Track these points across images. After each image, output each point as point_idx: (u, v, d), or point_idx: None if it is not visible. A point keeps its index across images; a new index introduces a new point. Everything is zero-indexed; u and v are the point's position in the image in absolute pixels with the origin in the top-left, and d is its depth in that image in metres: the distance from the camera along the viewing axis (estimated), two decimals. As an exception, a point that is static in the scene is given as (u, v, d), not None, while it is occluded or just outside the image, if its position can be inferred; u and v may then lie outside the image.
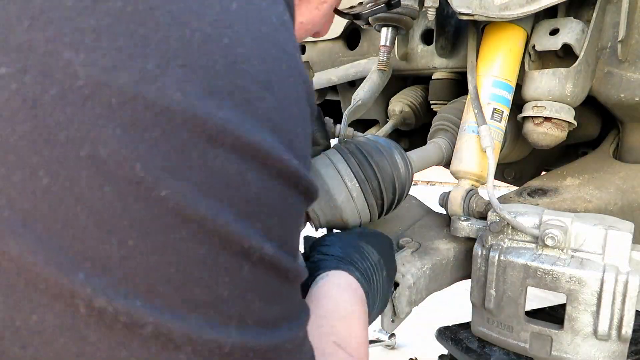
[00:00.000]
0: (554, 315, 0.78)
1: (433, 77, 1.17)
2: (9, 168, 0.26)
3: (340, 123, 0.96)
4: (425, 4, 0.88)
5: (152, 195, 0.28)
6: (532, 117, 0.91)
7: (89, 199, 0.27)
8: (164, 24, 0.29)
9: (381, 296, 0.71)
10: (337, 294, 0.61)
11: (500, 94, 0.91)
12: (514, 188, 1.15)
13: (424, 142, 1.05)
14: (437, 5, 0.87)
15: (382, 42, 0.96)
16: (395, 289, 0.79)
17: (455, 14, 0.84)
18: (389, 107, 1.28)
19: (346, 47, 1.28)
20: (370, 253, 0.70)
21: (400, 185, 0.80)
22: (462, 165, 0.92)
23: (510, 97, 0.93)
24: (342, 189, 0.76)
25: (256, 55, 0.33)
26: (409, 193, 0.90)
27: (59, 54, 0.27)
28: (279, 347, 0.35)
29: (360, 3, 0.95)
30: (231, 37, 0.32)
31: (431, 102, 1.21)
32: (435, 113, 1.12)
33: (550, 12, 0.92)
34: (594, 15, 0.87)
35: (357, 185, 0.76)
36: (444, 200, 0.93)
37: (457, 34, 1.07)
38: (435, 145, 1.00)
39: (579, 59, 0.87)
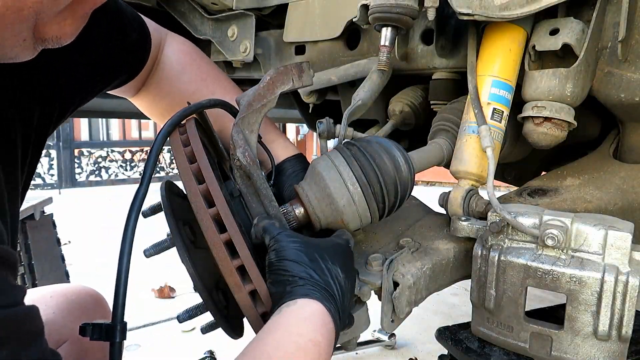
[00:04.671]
0: (554, 315, 0.78)
1: (433, 77, 1.17)
2: None
3: (340, 123, 0.96)
4: (425, 4, 0.88)
5: None
6: (532, 117, 0.91)
7: None
8: None
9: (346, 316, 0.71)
10: (296, 327, 0.61)
11: (500, 94, 0.91)
12: (514, 188, 1.15)
13: (424, 142, 1.05)
14: (437, 5, 0.87)
15: (382, 42, 0.96)
16: (395, 288, 0.79)
17: (455, 14, 0.84)
18: (389, 107, 1.28)
19: (346, 47, 1.28)
20: (338, 274, 0.68)
21: (402, 187, 0.80)
22: (462, 166, 0.92)
23: (510, 97, 0.93)
24: (343, 193, 0.76)
25: None
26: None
27: None
28: None
29: (365, 6, 0.95)
30: None
31: (431, 102, 1.21)
32: (435, 113, 1.12)
33: (550, 12, 0.92)
34: (594, 15, 0.87)
35: (359, 189, 0.76)
36: (444, 200, 0.93)
37: (457, 34, 1.07)
38: (435, 145, 1.00)
39: (579, 59, 0.87)
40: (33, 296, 0.97)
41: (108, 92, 0.98)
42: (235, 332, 0.74)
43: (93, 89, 0.86)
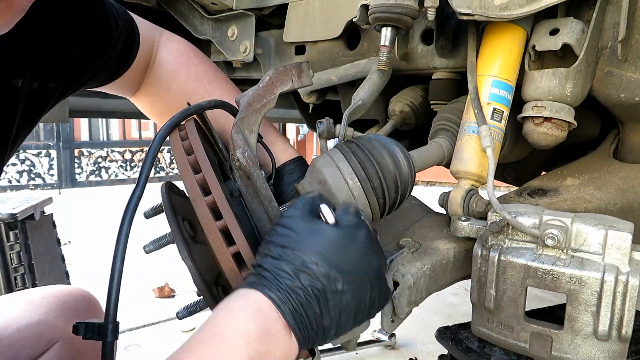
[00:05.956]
0: (554, 315, 0.78)
1: (433, 77, 1.17)
2: None
3: (340, 123, 0.96)
4: (425, 4, 0.88)
5: None
6: (532, 117, 0.91)
7: None
8: None
9: (344, 318, 0.58)
10: (223, 319, 0.53)
11: (500, 94, 0.91)
12: (514, 188, 1.15)
13: (424, 142, 1.05)
14: (437, 5, 0.87)
15: (382, 42, 0.96)
16: (395, 289, 0.79)
17: (455, 14, 0.84)
18: (389, 107, 1.28)
19: (346, 47, 1.28)
20: (308, 262, 0.57)
21: (402, 184, 0.80)
22: (462, 166, 0.92)
23: (510, 97, 0.93)
24: (343, 188, 0.76)
25: None
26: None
27: None
28: None
29: (365, 5, 0.95)
30: None
31: (431, 102, 1.21)
32: (435, 113, 1.12)
33: (550, 12, 0.92)
34: (594, 15, 0.87)
35: (358, 183, 0.76)
36: (444, 200, 0.93)
37: (457, 34, 1.07)
38: (436, 144, 1.00)
39: (579, 59, 0.87)
40: (25, 297, 0.97)
41: (108, 92, 0.97)
42: None
43: (77, 81, 0.85)
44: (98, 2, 0.83)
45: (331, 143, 0.94)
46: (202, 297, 0.71)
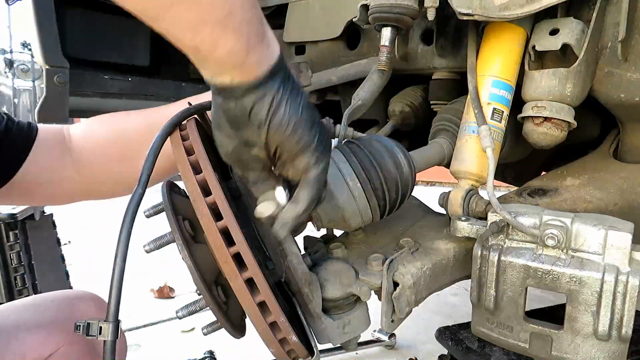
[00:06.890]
0: (554, 315, 0.78)
1: (433, 77, 1.17)
2: None
3: (340, 123, 0.96)
4: (425, 4, 0.88)
5: None
6: (532, 117, 0.91)
7: None
8: None
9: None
10: None
11: (500, 94, 0.91)
12: (514, 188, 1.15)
13: (424, 143, 1.05)
14: (437, 5, 0.87)
15: (382, 42, 0.96)
16: (395, 289, 0.79)
17: (455, 14, 0.84)
18: (389, 107, 1.28)
19: (346, 47, 1.28)
20: None
21: (403, 185, 0.80)
22: (462, 166, 0.92)
23: (510, 97, 0.93)
24: (343, 189, 0.76)
25: None
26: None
27: None
28: None
29: (365, 6, 0.95)
30: None
31: (431, 102, 1.21)
32: (435, 113, 1.12)
33: (550, 12, 0.92)
34: (594, 15, 0.87)
35: (359, 184, 0.76)
36: (444, 200, 0.93)
37: (457, 34, 1.07)
38: (436, 145, 1.00)
39: (579, 59, 0.87)
40: (36, 300, 0.97)
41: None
42: (236, 330, 0.74)
43: None
44: None
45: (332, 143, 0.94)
46: (202, 297, 0.71)
